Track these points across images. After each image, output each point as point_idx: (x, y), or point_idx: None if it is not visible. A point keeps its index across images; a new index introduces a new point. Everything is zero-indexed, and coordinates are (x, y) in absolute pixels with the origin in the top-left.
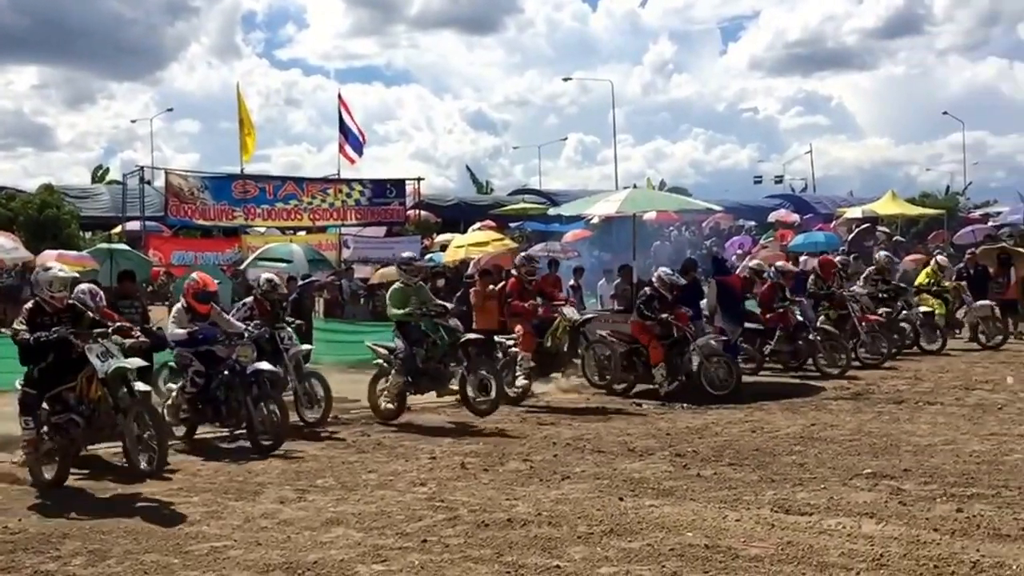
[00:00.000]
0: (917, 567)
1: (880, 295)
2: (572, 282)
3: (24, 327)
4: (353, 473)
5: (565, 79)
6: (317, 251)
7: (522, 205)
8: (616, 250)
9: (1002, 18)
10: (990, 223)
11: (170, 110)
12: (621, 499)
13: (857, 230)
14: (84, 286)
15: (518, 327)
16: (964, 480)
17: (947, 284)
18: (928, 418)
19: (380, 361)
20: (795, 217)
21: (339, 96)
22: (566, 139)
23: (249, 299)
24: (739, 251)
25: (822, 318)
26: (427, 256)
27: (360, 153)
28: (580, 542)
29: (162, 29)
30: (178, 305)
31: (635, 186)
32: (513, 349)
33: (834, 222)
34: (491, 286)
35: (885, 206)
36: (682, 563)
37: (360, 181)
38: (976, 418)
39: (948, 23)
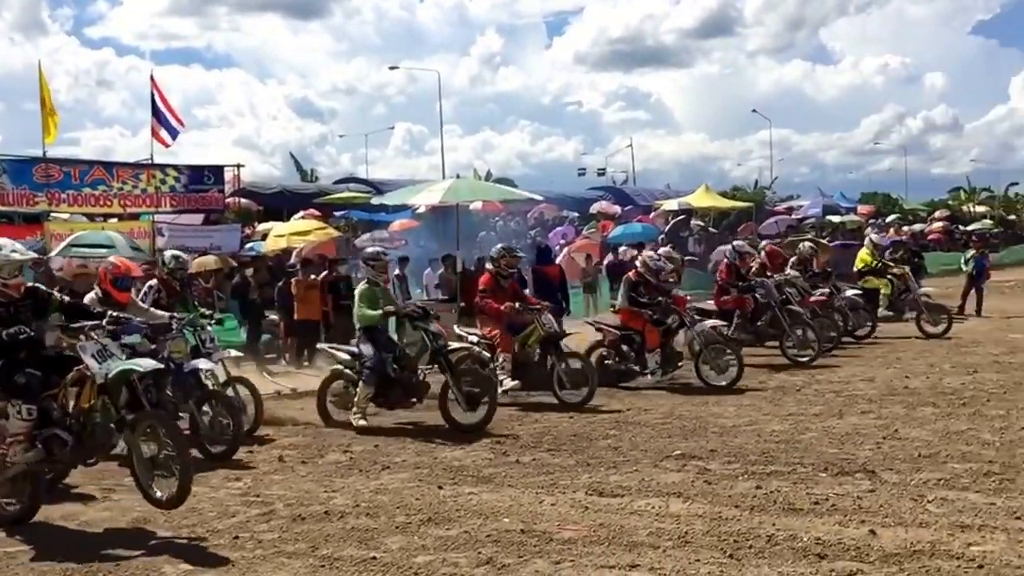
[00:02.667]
0: (719, 542)
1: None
2: (397, 272)
3: None
4: None
5: (392, 68)
6: (130, 239)
7: (347, 194)
8: (443, 240)
9: (806, 23)
10: (793, 215)
11: None
12: (440, 487)
13: (673, 222)
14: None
15: (490, 329)
16: (764, 459)
17: (894, 269)
18: (734, 400)
19: (338, 367)
20: (616, 209)
21: (151, 78)
22: (393, 128)
23: (153, 281)
24: (562, 241)
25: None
26: (248, 245)
27: (175, 137)
28: (397, 532)
29: None
30: (90, 294)
31: (458, 176)
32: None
33: (652, 214)
34: (312, 276)
35: (699, 199)
36: (498, 548)
37: (175, 167)
38: (776, 400)
39: (757, 26)
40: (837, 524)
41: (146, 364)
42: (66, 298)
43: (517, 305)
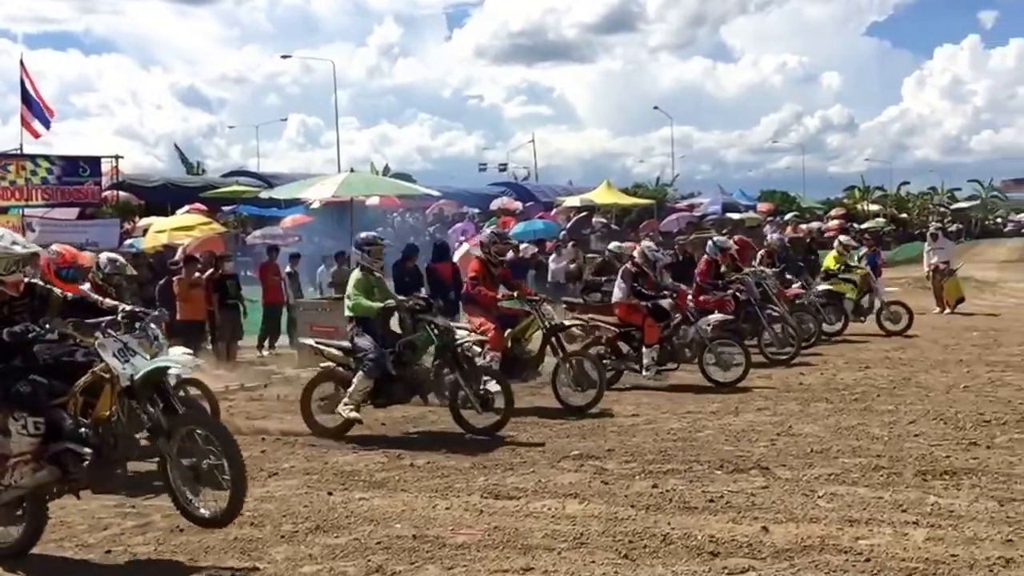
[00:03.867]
0: (614, 543)
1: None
2: (288, 269)
3: None
4: None
5: (284, 57)
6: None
7: (236, 188)
8: (337, 236)
9: (707, 20)
10: (695, 213)
11: None
12: (330, 494)
13: (575, 218)
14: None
15: (480, 320)
16: (661, 457)
17: (858, 270)
18: (632, 399)
19: (330, 364)
20: (517, 205)
21: (21, 63)
22: (286, 120)
23: (85, 285)
24: (462, 238)
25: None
26: (127, 242)
27: (47, 126)
28: (283, 541)
29: None
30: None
31: (352, 171)
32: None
33: (554, 210)
34: (197, 274)
35: (601, 195)
36: (388, 556)
37: (48, 157)
38: (675, 397)
39: (660, 22)
40: (731, 521)
41: (184, 361)
42: (68, 294)
43: (515, 295)
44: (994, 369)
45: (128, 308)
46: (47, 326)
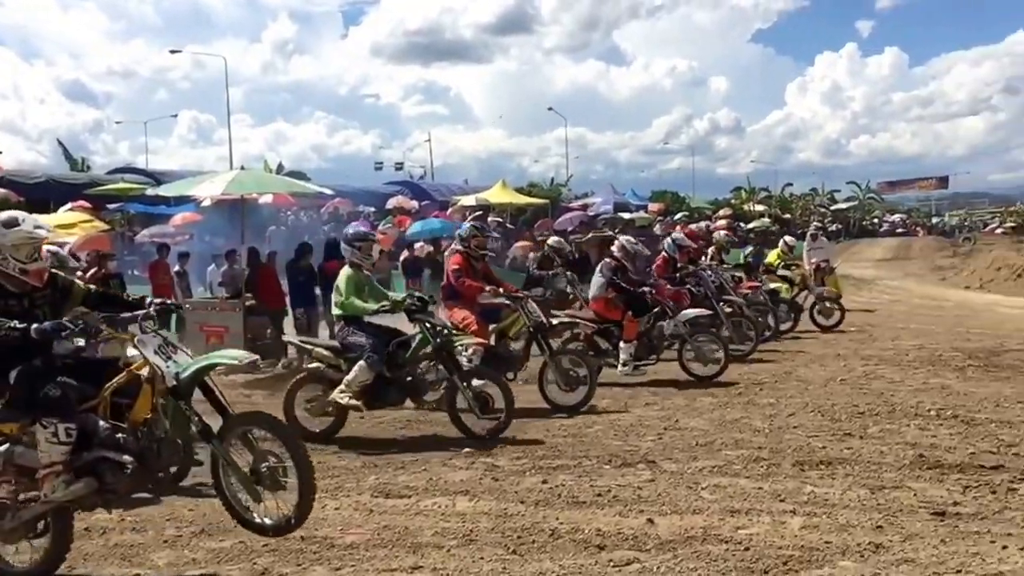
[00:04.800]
0: (503, 539)
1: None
2: (177, 268)
3: None
4: None
5: (174, 52)
6: None
7: (123, 185)
8: (228, 234)
9: (601, 24)
10: (588, 212)
11: None
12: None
13: (471, 217)
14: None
15: (463, 315)
16: (551, 453)
17: (796, 268)
18: (525, 397)
19: (318, 364)
20: (413, 204)
21: None
22: (176, 116)
23: None
24: None
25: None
26: None
27: None
28: (166, 547)
29: None
30: None
31: (243, 167)
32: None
33: (449, 209)
34: (79, 272)
35: (496, 195)
36: (275, 558)
37: None
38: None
39: (554, 24)
40: (617, 515)
41: (237, 356)
42: (91, 286)
43: (501, 290)
44: (868, 363)
45: (159, 301)
46: (80, 323)
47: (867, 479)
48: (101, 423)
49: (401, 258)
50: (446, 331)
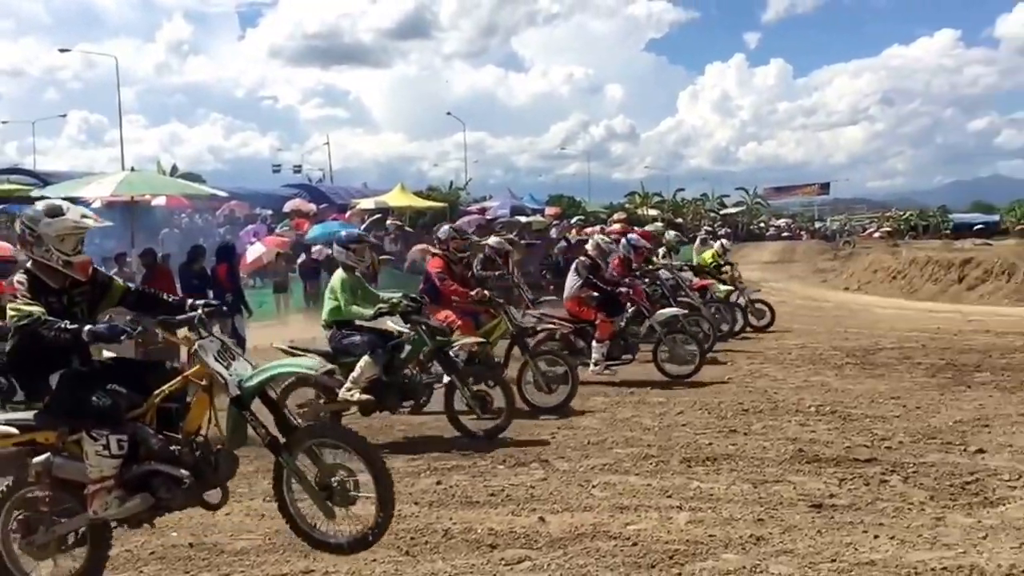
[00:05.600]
0: (396, 540)
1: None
2: None
3: (35, 308)
4: None
5: (63, 51)
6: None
7: (7, 186)
8: (120, 237)
9: (499, 30)
10: (486, 215)
11: None
12: None
13: (369, 220)
14: None
15: (446, 314)
16: (446, 454)
17: (728, 268)
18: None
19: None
20: (311, 207)
21: None
22: (66, 116)
23: None
24: (253, 239)
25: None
26: None
27: None
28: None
29: None
30: None
31: (133, 169)
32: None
33: (348, 212)
34: None
35: (395, 198)
36: (162, 566)
37: None
38: None
39: (453, 30)
40: (510, 514)
41: (310, 364)
42: (130, 284)
43: (488, 292)
44: (754, 362)
45: (205, 303)
46: (137, 326)
47: (750, 474)
48: (152, 434)
49: (299, 261)
50: (441, 332)
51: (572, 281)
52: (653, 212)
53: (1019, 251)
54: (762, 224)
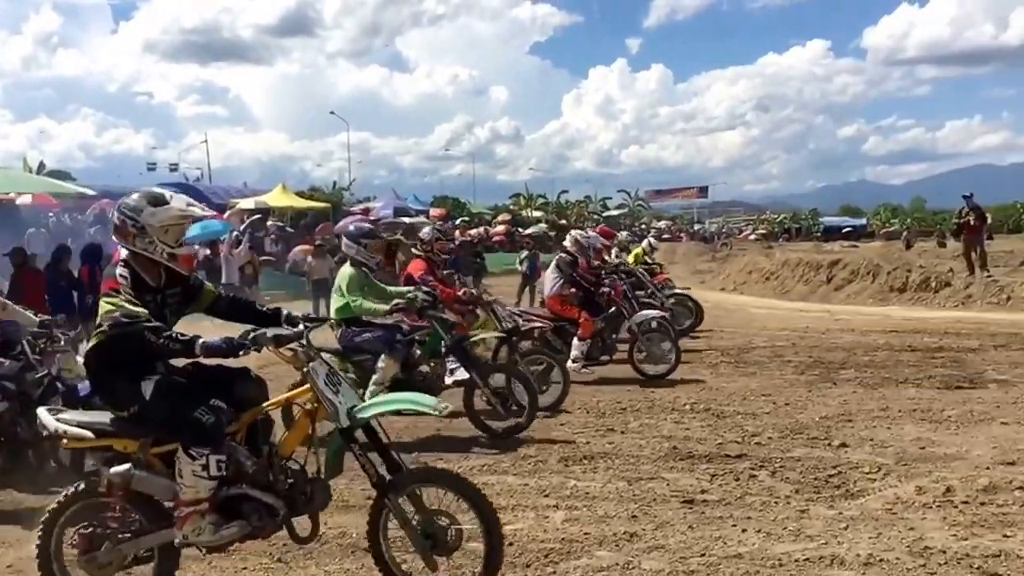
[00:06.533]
0: (268, 547)
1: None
2: None
3: (141, 309)
4: None
5: None
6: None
7: None
8: None
9: (383, 30)
10: (370, 216)
11: None
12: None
13: (249, 220)
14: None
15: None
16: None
17: (654, 267)
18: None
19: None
20: None
21: None
22: None
23: None
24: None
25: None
26: None
27: None
28: None
29: None
30: None
31: None
32: None
33: (227, 212)
34: None
35: (276, 198)
36: None
37: None
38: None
39: (337, 29)
40: None
41: (433, 405)
42: (220, 289)
43: (475, 292)
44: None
45: (309, 316)
46: (253, 343)
47: (626, 471)
48: (247, 456)
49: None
50: (456, 327)
51: (553, 279)
52: (538, 214)
53: (883, 253)
54: (644, 225)
